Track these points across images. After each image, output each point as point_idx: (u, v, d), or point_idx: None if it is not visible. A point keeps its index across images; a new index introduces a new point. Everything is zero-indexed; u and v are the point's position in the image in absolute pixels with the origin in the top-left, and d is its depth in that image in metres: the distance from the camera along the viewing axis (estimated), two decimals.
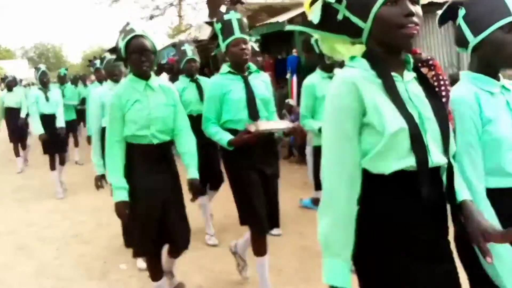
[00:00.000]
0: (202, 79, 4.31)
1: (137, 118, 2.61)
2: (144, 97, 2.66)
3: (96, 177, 3.76)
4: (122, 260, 3.97)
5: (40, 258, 4.20)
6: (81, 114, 9.08)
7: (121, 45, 2.62)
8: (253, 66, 3.04)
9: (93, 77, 11.21)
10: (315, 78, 3.58)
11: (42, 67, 6.65)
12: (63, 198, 6.36)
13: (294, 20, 7.24)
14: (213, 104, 2.94)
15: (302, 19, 2.51)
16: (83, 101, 9.34)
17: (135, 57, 2.59)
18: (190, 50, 4.21)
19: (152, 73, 2.74)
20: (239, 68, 2.95)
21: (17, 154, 8.65)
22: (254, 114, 2.90)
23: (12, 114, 8.34)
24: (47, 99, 6.35)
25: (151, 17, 13.28)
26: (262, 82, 3.04)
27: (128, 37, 2.59)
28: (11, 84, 8.52)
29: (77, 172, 7.90)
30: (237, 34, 2.87)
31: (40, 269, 3.94)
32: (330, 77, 3.42)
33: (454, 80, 5.79)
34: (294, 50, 7.90)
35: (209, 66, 13.62)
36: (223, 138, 2.88)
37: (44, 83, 6.45)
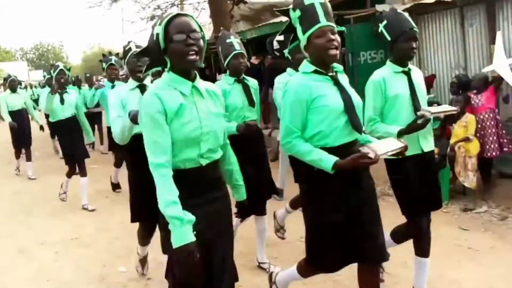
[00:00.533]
0: (249, 80, 3.64)
1: (184, 133, 1.93)
2: (192, 104, 1.98)
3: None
4: (121, 263, 4.01)
5: (40, 261, 4.21)
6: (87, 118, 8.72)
7: (159, 30, 1.94)
8: (338, 66, 2.40)
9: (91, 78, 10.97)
10: (386, 72, 2.85)
11: (60, 65, 5.89)
12: (66, 200, 6.23)
13: None
14: (299, 112, 2.25)
15: None
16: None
17: (179, 40, 1.90)
18: (237, 43, 3.45)
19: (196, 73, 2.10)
20: (325, 66, 2.29)
21: (17, 156, 8.37)
22: (356, 125, 2.27)
23: (16, 117, 7.83)
24: (62, 101, 5.72)
25: (152, 18, 13.27)
26: (349, 85, 2.41)
27: (169, 17, 1.95)
28: (14, 84, 8.06)
29: (78, 176, 7.89)
30: (323, 21, 2.21)
31: (39, 272, 3.96)
32: (405, 73, 2.84)
33: (461, 82, 5.81)
34: None
35: (210, 67, 13.66)
36: (325, 159, 2.18)
37: (61, 84, 5.74)
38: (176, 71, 1.99)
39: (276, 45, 3.81)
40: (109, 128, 5.89)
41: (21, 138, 8.03)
